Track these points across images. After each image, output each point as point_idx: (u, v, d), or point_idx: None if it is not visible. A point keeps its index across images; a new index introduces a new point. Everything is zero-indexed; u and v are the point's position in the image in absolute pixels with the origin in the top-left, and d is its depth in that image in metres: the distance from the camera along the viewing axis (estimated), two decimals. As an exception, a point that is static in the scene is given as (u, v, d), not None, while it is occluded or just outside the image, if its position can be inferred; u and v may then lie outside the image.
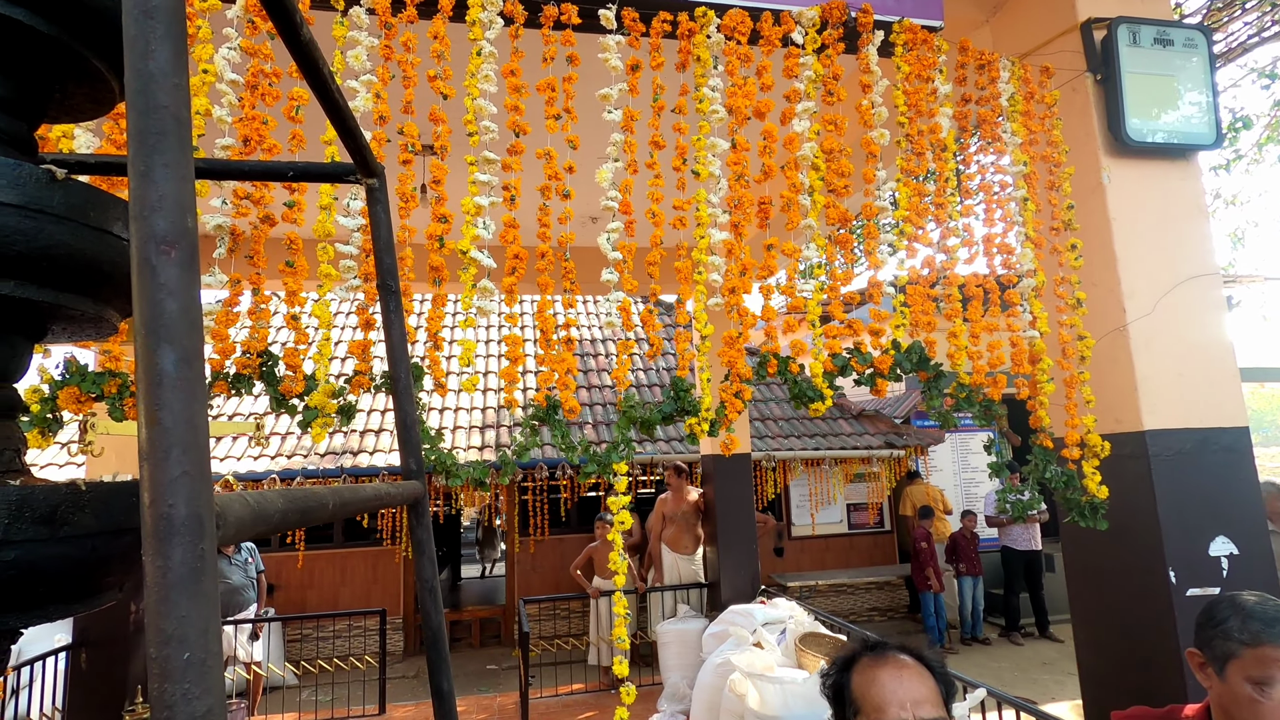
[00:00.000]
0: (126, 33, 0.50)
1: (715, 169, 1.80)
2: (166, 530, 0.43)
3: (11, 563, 0.67)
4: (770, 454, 8.46)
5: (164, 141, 0.48)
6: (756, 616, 5.21)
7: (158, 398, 0.45)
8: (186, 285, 0.47)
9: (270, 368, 1.54)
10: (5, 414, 0.82)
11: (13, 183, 0.72)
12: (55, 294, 0.79)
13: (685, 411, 1.84)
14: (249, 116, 1.57)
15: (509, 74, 1.72)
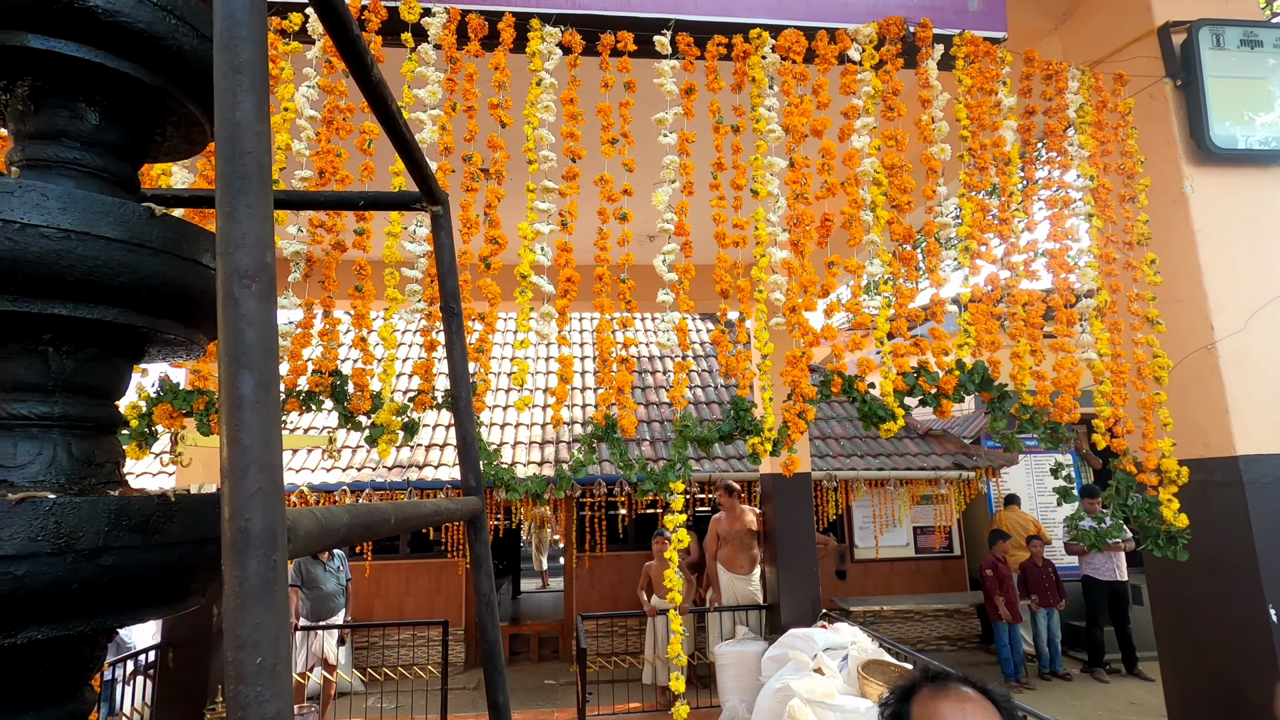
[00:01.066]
0: (217, 86, 0.55)
1: (774, 188, 1.81)
2: (244, 542, 0.47)
3: (110, 567, 0.72)
4: (831, 473, 8.26)
5: (248, 185, 0.53)
6: (817, 641, 5.08)
7: (238, 419, 0.48)
8: (264, 315, 0.51)
9: (340, 386, 1.62)
10: (108, 429, 0.90)
11: (118, 220, 0.79)
12: (152, 320, 0.86)
13: (746, 431, 1.83)
14: (325, 150, 1.67)
15: (567, 102, 1.78)
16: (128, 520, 0.74)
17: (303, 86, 1.66)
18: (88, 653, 0.83)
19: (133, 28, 0.84)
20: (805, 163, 1.81)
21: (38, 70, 0.84)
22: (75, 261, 0.76)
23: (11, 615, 0.68)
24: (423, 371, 1.67)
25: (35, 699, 0.78)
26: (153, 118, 0.94)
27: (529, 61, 1.76)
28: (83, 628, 0.74)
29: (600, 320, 1.76)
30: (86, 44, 0.83)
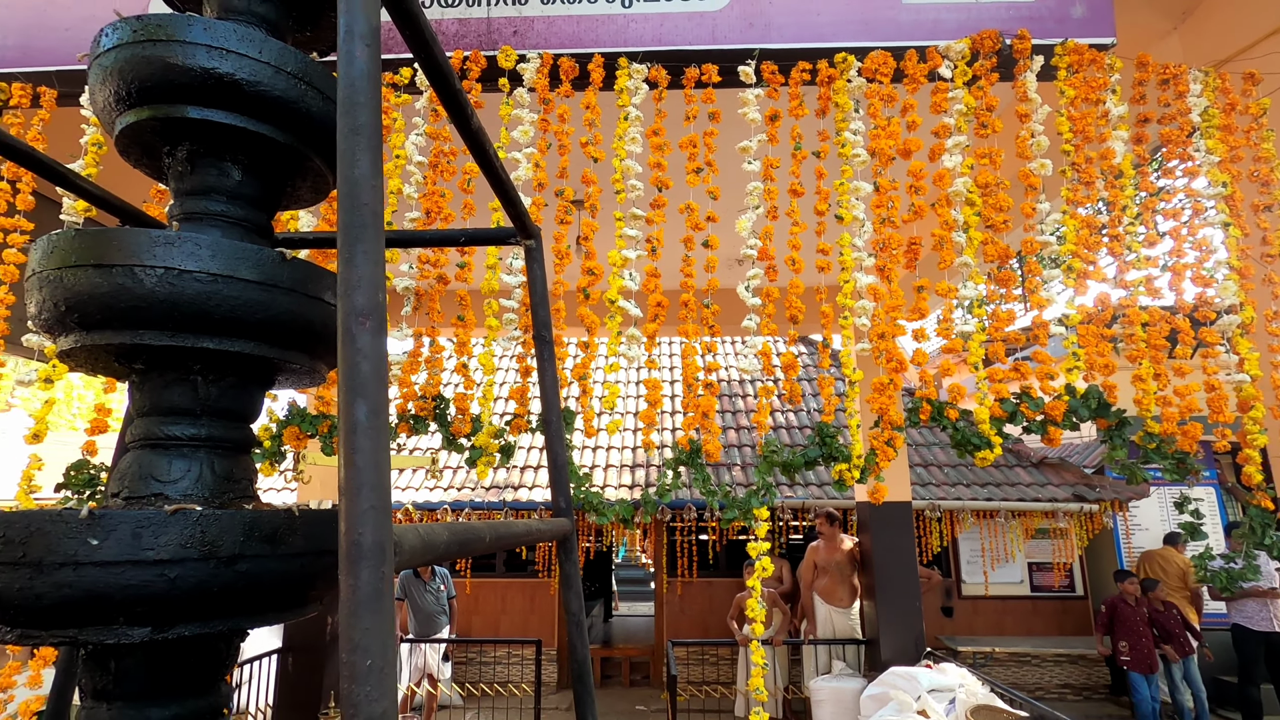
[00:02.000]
0: (339, 146, 0.62)
1: (859, 212, 1.78)
2: (357, 554, 0.52)
3: (244, 574, 0.81)
4: (935, 503, 7.83)
5: (365, 233, 0.59)
6: (921, 681, 4.82)
7: (353, 443, 0.54)
8: (376, 349, 0.57)
9: (443, 410, 1.73)
10: (244, 449, 1.01)
11: (256, 264, 0.89)
12: (282, 351, 0.96)
13: (832, 457, 1.79)
14: (431, 191, 1.81)
15: (653, 135, 1.84)
16: (259, 532, 0.83)
17: (412, 135, 1.81)
18: (223, 651, 0.93)
19: (270, 95, 0.96)
20: (892, 186, 1.78)
21: (194, 136, 0.97)
22: (221, 301, 0.87)
23: (164, 614, 0.77)
24: (518, 396, 1.75)
25: (181, 691, 0.87)
26: (285, 172, 1.06)
27: (617, 98, 1.83)
28: (221, 627, 0.83)
29: (685, 345, 1.78)
30: (233, 111, 0.95)
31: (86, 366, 0.96)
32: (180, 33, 0.92)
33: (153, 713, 0.85)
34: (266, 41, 0.96)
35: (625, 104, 1.83)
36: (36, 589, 0.73)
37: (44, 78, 2.00)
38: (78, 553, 0.73)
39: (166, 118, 0.94)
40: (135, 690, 0.84)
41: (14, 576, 0.73)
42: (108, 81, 0.94)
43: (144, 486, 0.89)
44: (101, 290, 0.83)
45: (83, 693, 0.87)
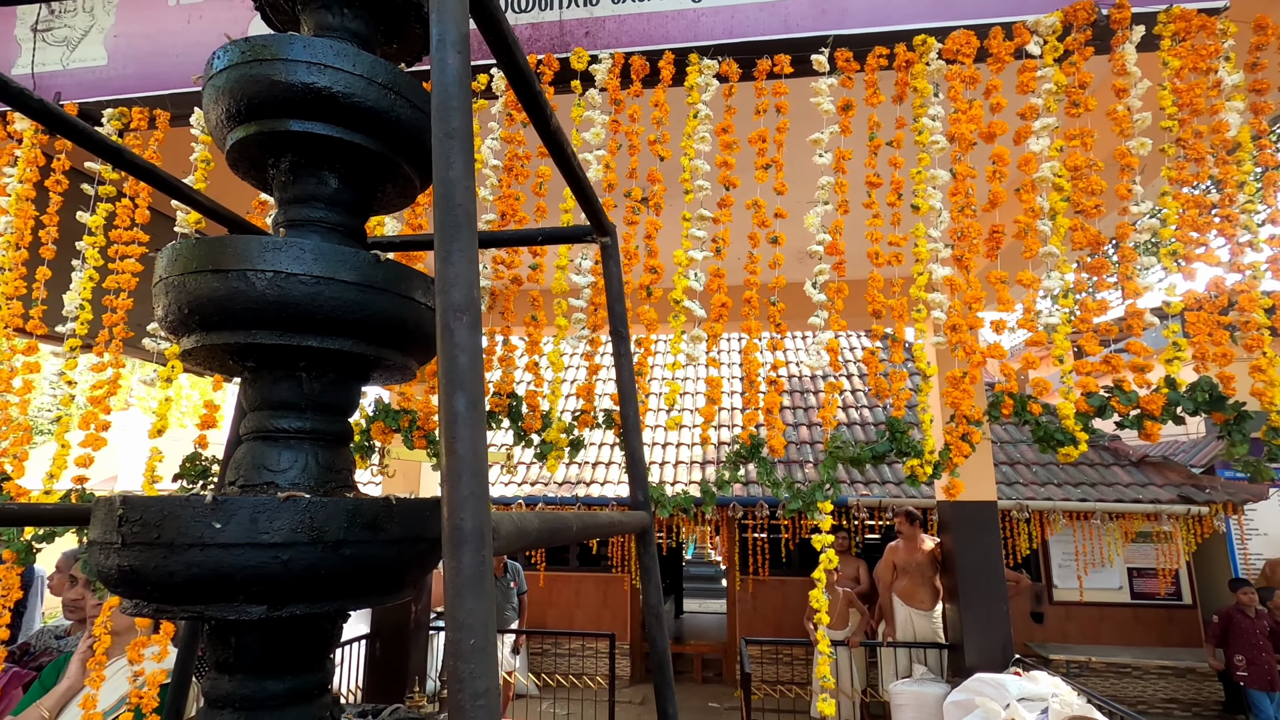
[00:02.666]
0: (434, 149, 0.65)
1: (935, 201, 1.71)
2: (459, 539, 0.54)
3: (348, 558, 0.86)
4: (1022, 503, 7.46)
5: (459, 232, 0.62)
6: (1010, 689, 4.62)
7: (453, 432, 0.57)
8: (473, 343, 0.60)
9: (516, 407, 1.78)
10: (343, 441, 1.07)
11: (353, 266, 0.94)
12: (377, 349, 1.01)
13: (903, 453, 1.74)
14: (506, 195, 1.86)
15: (722, 131, 1.83)
16: (361, 518, 0.88)
17: (488, 139, 1.86)
18: (328, 630, 0.99)
19: (363, 105, 1.01)
20: (971, 172, 1.70)
21: (296, 147, 1.04)
22: (324, 302, 0.92)
23: (278, 593, 0.83)
24: (585, 393, 1.78)
25: (293, 666, 0.93)
26: (377, 179, 1.12)
27: (687, 95, 1.83)
28: (328, 607, 0.88)
29: (747, 342, 1.77)
30: (330, 123, 1.01)
31: (205, 365, 1.04)
32: (282, 51, 0.97)
33: (269, 685, 0.91)
34: (359, 55, 1.01)
35: (695, 100, 1.82)
36: (170, 567, 0.80)
37: (159, 101, 2.17)
38: (204, 535, 0.80)
39: (271, 131, 1.01)
40: (253, 664, 0.91)
41: (151, 555, 0.80)
42: (220, 100, 1.01)
43: (257, 475, 0.96)
44: (219, 293, 0.90)
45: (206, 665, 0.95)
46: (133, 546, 0.81)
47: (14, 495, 1.85)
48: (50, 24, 2.24)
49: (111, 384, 1.86)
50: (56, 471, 1.84)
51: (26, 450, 1.88)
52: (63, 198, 2.10)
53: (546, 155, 1.90)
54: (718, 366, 1.82)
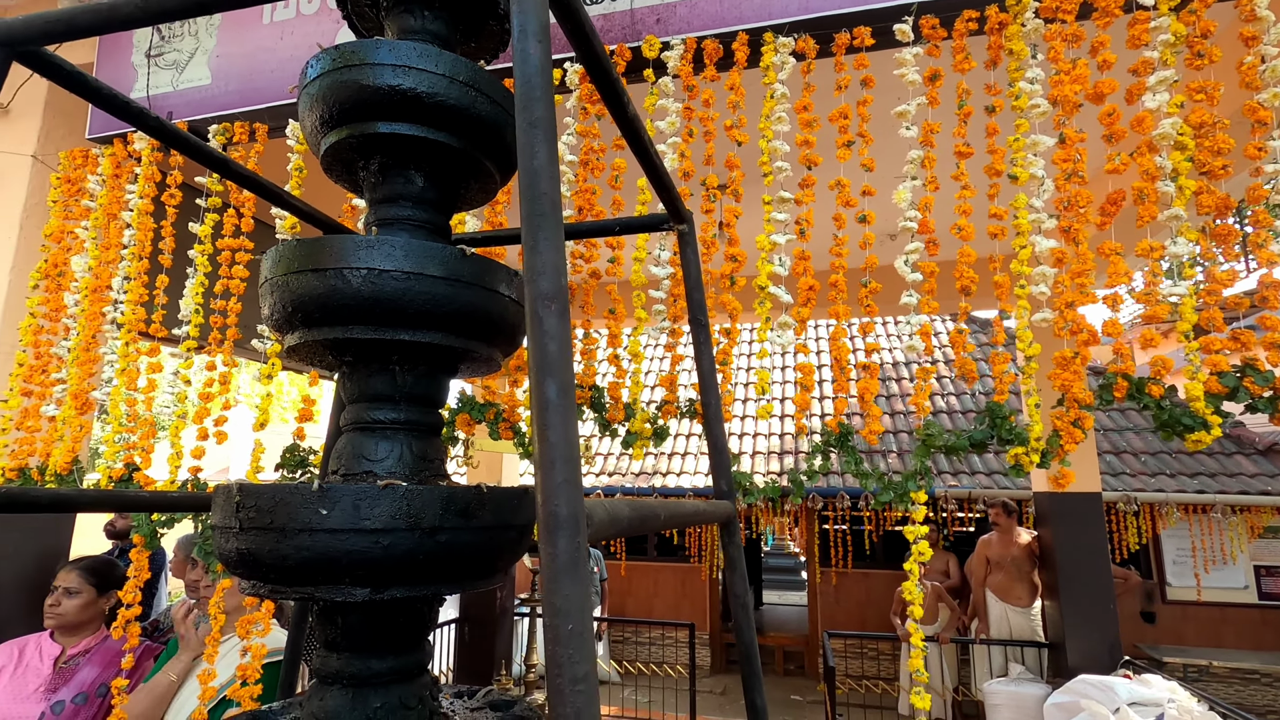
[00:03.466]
0: (519, 139, 0.66)
1: (1037, 169, 1.60)
2: (555, 525, 0.55)
3: (444, 544, 0.89)
4: (1130, 495, 6.96)
5: (546, 221, 0.62)
6: (1120, 693, 4.34)
7: (545, 420, 0.57)
8: (562, 331, 0.60)
9: (598, 398, 1.79)
10: (435, 432, 1.10)
11: (442, 261, 0.97)
12: (465, 341, 1.03)
13: (1005, 440, 1.64)
14: (582, 189, 1.87)
15: (801, 110, 1.77)
16: (454, 506, 0.90)
17: (563, 135, 1.88)
18: (426, 613, 1.03)
19: (446, 104, 1.03)
20: (1079, 137, 1.57)
21: (384, 149, 1.07)
22: (415, 297, 0.95)
23: (380, 577, 0.87)
24: (668, 383, 1.77)
25: (395, 646, 0.98)
26: (460, 176, 1.14)
27: (763, 76, 1.78)
28: (425, 591, 0.92)
29: (835, 327, 1.70)
30: (415, 123, 1.04)
31: (307, 361, 1.09)
32: (369, 56, 1.01)
33: (373, 663, 0.96)
34: (441, 55, 1.04)
35: (771, 80, 1.77)
36: (282, 551, 0.85)
37: (257, 115, 2.31)
38: (312, 520, 0.84)
39: (361, 134, 1.04)
40: (359, 643, 0.96)
41: (265, 540, 0.85)
42: (314, 108, 1.06)
43: (356, 465, 1.01)
44: (319, 291, 0.94)
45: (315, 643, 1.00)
46: (249, 531, 0.86)
47: (143, 485, 2.03)
48: (161, 49, 2.42)
49: (222, 382, 2.00)
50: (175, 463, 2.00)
51: (152, 444, 2.06)
52: (177, 210, 2.27)
53: (622, 148, 1.90)
54: (807, 353, 1.77)
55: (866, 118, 1.73)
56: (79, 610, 2.25)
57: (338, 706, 0.94)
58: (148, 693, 2.00)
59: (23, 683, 2.18)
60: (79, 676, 2.21)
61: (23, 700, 2.13)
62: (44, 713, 2.11)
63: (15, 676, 2.20)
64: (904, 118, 1.67)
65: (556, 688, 0.51)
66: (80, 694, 2.17)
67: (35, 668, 2.23)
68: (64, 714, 2.13)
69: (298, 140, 2.19)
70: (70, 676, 2.21)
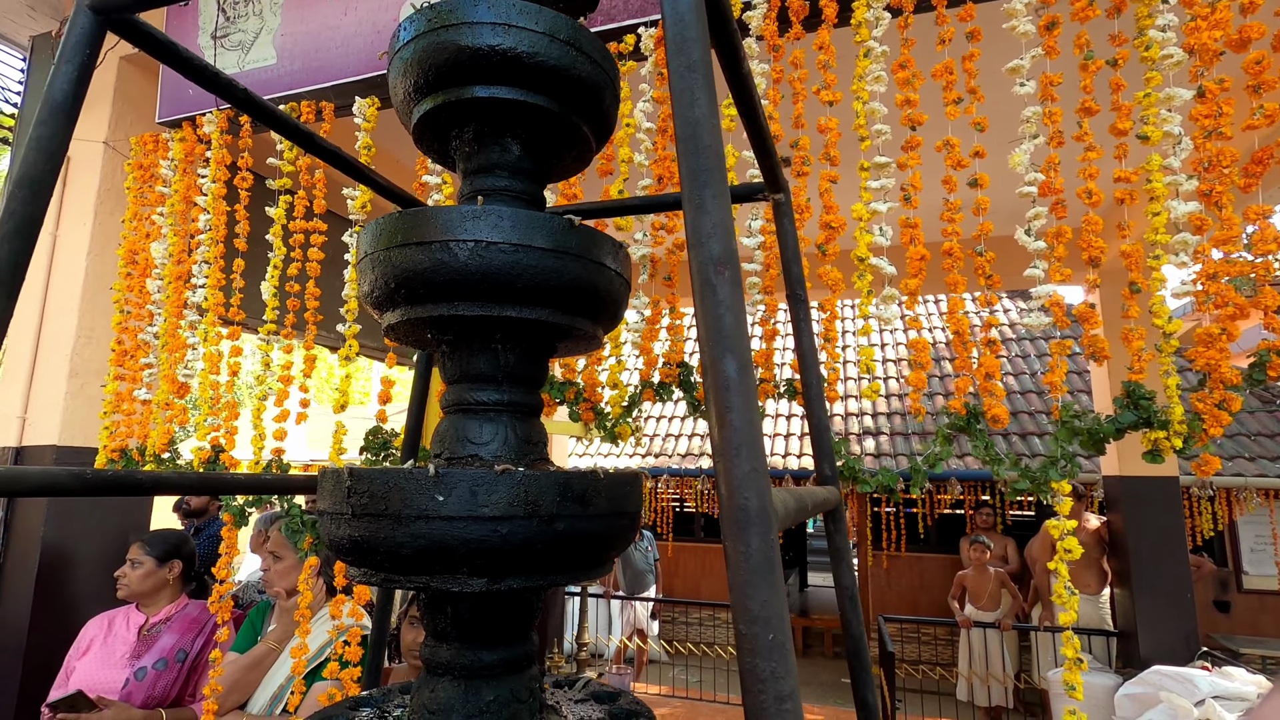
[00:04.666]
0: (674, 86, 0.58)
1: (1173, 127, 1.45)
2: (744, 521, 0.48)
3: (561, 533, 0.84)
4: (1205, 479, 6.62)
5: (712, 176, 0.55)
6: (1200, 685, 4.15)
7: (726, 401, 0.50)
8: (737, 301, 0.53)
9: (686, 376, 1.72)
10: (536, 413, 1.05)
11: (549, 232, 0.91)
12: (570, 317, 0.97)
13: (1145, 424, 1.52)
14: (661, 157, 1.79)
15: (899, 68, 1.65)
16: (571, 492, 0.85)
17: (639, 102, 1.80)
18: (534, 604, 0.99)
19: (546, 65, 0.96)
20: (1218, 89, 1.42)
21: (480, 115, 1.01)
22: (523, 270, 0.89)
23: (498, 566, 0.82)
24: (763, 360, 1.69)
25: (505, 637, 0.93)
26: (556, 143, 1.08)
27: (855, 33, 1.67)
28: (541, 582, 0.87)
29: (952, 300, 1.59)
30: (514, 86, 0.97)
31: (406, 339, 1.04)
32: (468, 14, 0.94)
33: (484, 655, 0.92)
34: (541, 12, 0.97)
35: (865, 38, 1.65)
36: (398, 538, 0.80)
37: (323, 94, 2.28)
38: (428, 507, 0.79)
39: (457, 100, 0.98)
40: (471, 634, 0.91)
41: (379, 527, 0.81)
42: (408, 73, 1.00)
43: (461, 448, 0.96)
44: (424, 265, 0.89)
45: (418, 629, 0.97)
46: (362, 518, 0.82)
47: (228, 465, 2.06)
48: (227, 30, 2.42)
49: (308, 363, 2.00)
50: (259, 444, 2.02)
51: (235, 426, 2.08)
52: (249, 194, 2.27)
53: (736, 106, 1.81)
54: (919, 328, 1.67)
55: (974, 73, 1.59)
56: (140, 580, 2.36)
57: (450, 699, 0.90)
58: (246, 660, 2.05)
59: (111, 651, 2.30)
60: (160, 643, 2.32)
61: (111, 667, 2.25)
62: (129, 678, 2.24)
63: (105, 645, 2.32)
64: (1018, 73, 1.54)
65: (759, 706, 0.45)
66: (161, 659, 2.28)
67: (122, 636, 2.36)
68: (146, 679, 2.24)
69: (365, 119, 2.16)
70: (152, 643, 2.32)
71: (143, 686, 2.21)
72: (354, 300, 2.03)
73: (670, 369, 1.73)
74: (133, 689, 2.20)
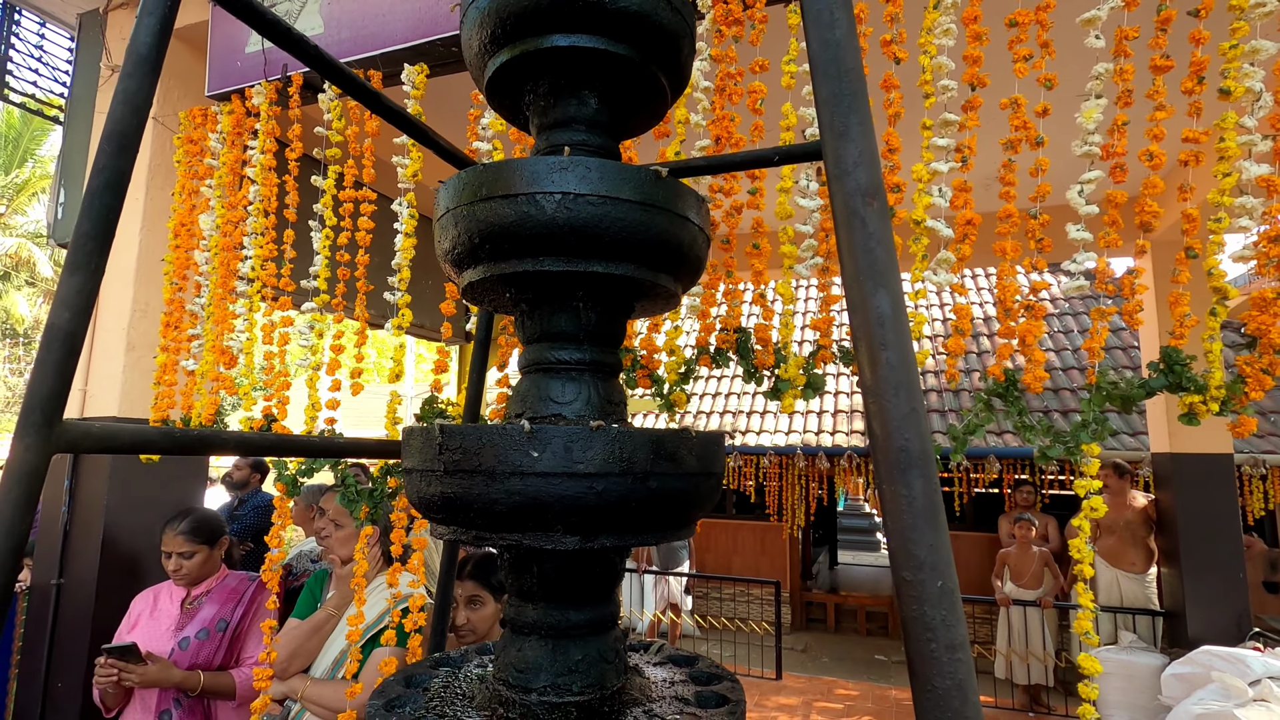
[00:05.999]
0: (809, 7, 0.55)
1: (1254, 82, 1.36)
2: (905, 463, 0.45)
3: (654, 490, 0.82)
4: (1258, 457, 6.43)
5: (856, 102, 0.51)
6: (1254, 665, 4.07)
7: (880, 338, 0.47)
8: (887, 233, 0.49)
9: (745, 342, 1.69)
10: (615, 373, 1.03)
11: (637, 184, 0.88)
12: (653, 274, 0.94)
13: (1180, 387, 1.46)
14: (719, 117, 1.74)
15: (970, 21, 1.57)
16: (662, 450, 0.83)
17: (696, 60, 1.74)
18: (618, 563, 0.97)
19: (629, 10, 0.92)
20: (1311, 42, 1.32)
21: (556, 67, 0.98)
22: (611, 223, 0.86)
23: (592, 524, 0.80)
24: (823, 326, 1.65)
25: (592, 597, 0.92)
26: (635, 95, 1.04)
27: (924, -18, 1.59)
28: (633, 541, 0.85)
29: (1002, 265, 1.53)
30: (596, 34, 0.94)
31: (484, 299, 1.03)
32: (548, -42, 0.91)
33: (571, 615, 0.91)
34: (622, -46, 0.93)
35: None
36: (492, 495, 0.79)
37: (371, 62, 2.27)
38: (522, 464, 0.78)
39: (535, 50, 0.95)
40: (558, 594, 0.90)
41: (473, 483, 0.80)
42: (484, 24, 0.97)
43: (544, 407, 0.94)
44: (509, 219, 0.87)
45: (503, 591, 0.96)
46: (455, 474, 0.81)
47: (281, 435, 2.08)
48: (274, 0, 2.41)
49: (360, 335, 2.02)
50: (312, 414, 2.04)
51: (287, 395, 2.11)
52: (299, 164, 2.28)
53: (763, 70, 1.76)
54: (965, 293, 1.61)
55: (1048, 24, 1.51)
56: (200, 566, 2.44)
57: (538, 658, 0.89)
58: (307, 627, 2.10)
59: (156, 624, 2.40)
60: (201, 614, 2.40)
61: (156, 639, 2.35)
62: (174, 648, 2.32)
63: (151, 619, 2.42)
64: (1093, 25, 1.46)
65: (929, 654, 0.43)
66: (203, 629, 2.36)
67: (167, 610, 2.45)
68: (189, 649, 2.32)
69: (414, 85, 2.14)
70: (194, 615, 2.41)
71: (187, 655, 2.30)
72: (406, 270, 2.03)
73: (728, 335, 1.70)
74: (178, 658, 2.28)
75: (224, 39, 2.57)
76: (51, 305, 0.78)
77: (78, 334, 0.76)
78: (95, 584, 2.72)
